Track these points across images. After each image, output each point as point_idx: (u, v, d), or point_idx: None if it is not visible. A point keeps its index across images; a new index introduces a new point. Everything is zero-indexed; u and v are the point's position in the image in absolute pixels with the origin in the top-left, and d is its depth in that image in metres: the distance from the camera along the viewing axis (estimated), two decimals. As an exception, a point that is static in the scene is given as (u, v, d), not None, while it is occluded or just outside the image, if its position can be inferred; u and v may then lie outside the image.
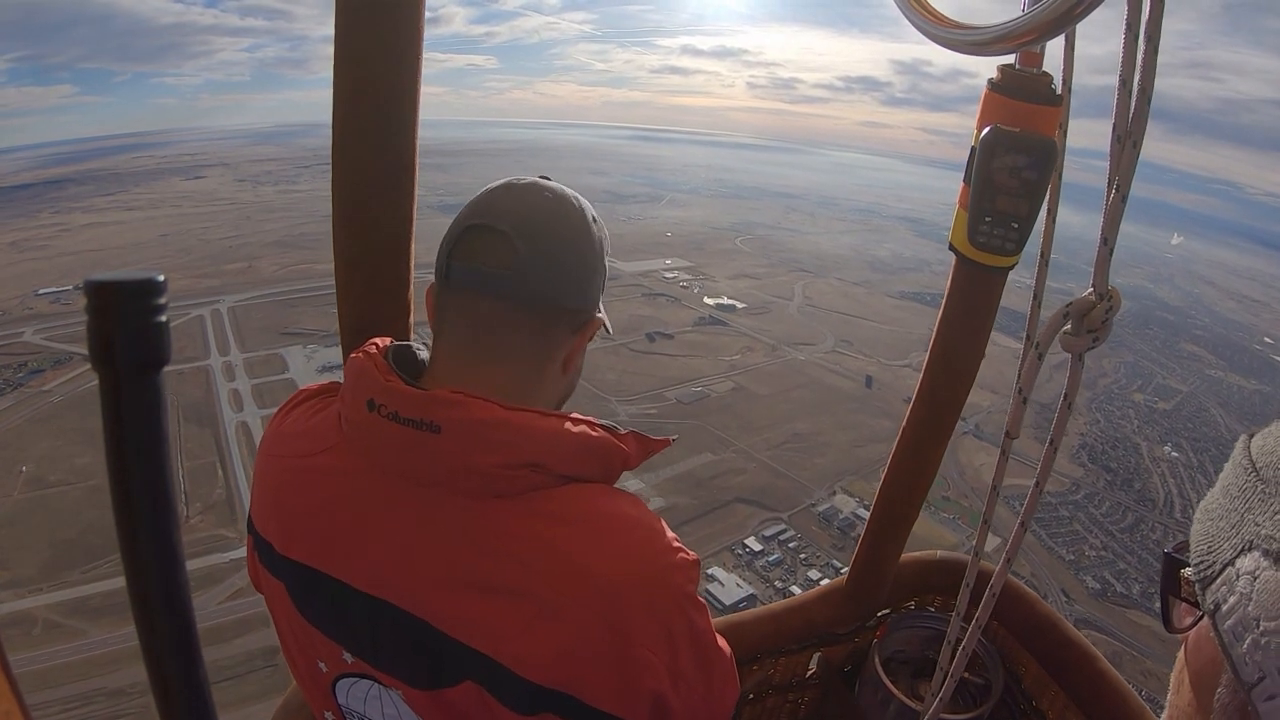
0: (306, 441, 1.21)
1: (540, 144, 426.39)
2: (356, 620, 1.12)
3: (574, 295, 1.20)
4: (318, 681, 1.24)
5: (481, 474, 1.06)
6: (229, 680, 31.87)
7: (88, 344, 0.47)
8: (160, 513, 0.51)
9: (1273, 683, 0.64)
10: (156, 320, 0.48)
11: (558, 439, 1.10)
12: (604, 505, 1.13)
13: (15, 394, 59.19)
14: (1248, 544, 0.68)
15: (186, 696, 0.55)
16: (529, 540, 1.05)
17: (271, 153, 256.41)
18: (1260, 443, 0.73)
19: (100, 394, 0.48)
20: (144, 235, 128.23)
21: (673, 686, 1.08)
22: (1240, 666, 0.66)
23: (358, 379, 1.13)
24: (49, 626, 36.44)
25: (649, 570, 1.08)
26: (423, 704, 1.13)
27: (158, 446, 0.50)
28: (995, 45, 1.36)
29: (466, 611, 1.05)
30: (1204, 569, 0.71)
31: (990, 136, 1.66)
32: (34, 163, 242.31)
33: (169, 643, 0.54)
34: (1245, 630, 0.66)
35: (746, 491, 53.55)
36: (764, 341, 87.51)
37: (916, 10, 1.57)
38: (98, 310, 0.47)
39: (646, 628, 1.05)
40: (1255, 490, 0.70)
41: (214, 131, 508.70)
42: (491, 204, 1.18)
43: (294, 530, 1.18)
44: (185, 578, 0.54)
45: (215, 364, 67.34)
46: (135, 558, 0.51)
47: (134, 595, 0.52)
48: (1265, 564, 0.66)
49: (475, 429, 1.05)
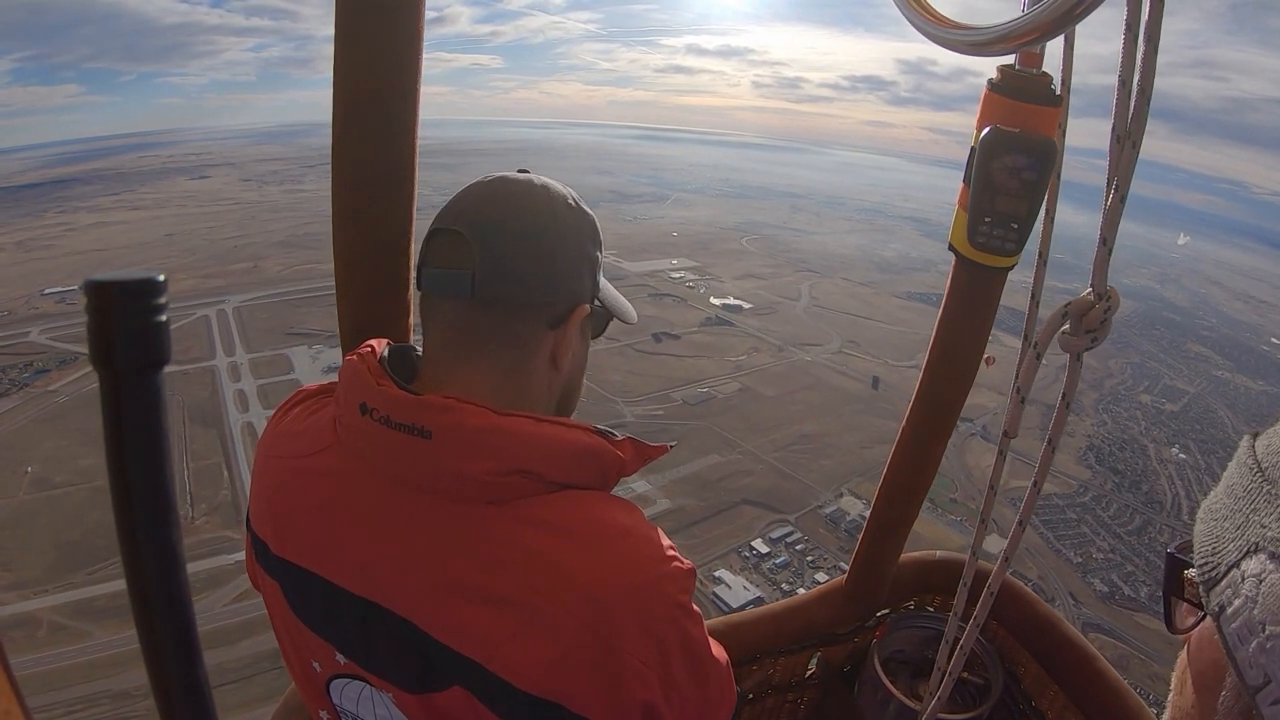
0: (303, 442, 1.22)
1: (545, 143, 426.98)
2: (348, 622, 1.13)
3: (539, 289, 1.18)
4: (313, 681, 1.25)
5: (471, 480, 1.05)
6: (235, 683, 31.91)
7: (88, 344, 0.47)
8: (160, 513, 0.51)
9: (1278, 686, 0.65)
10: (156, 320, 0.49)
11: (550, 445, 1.10)
12: (596, 513, 1.11)
13: (21, 394, 59.47)
14: (1253, 546, 0.68)
15: (186, 697, 0.55)
16: (518, 548, 1.04)
17: (277, 152, 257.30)
18: (1266, 443, 0.72)
19: (100, 394, 0.48)
20: (149, 235, 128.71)
21: (665, 697, 1.06)
22: (1245, 670, 0.67)
23: (351, 382, 1.14)
24: (54, 628, 36.55)
25: (640, 579, 1.06)
26: (413, 708, 1.13)
27: (158, 446, 0.50)
28: (995, 46, 1.38)
29: (456, 618, 1.04)
30: (1208, 570, 0.71)
31: (990, 137, 1.66)
32: (40, 162, 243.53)
33: (169, 643, 0.54)
34: (1251, 634, 0.66)
35: (753, 493, 53.52)
36: (770, 342, 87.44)
37: (916, 10, 1.57)
38: (97, 310, 0.47)
39: (637, 638, 1.03)
40: (1261, 491, 0.70)
41: (219, 131, 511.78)
42: (452, 206, 1.19)
43: (288, 530, 1.19)
44: (185, 578, 0.54)
45: (220, 364, 67.54)
46: (135, 558, 0.51)
47: (134, 595, 0.52)
48: (1271, 567, 0.66)
49: (465, 435, 1.06)
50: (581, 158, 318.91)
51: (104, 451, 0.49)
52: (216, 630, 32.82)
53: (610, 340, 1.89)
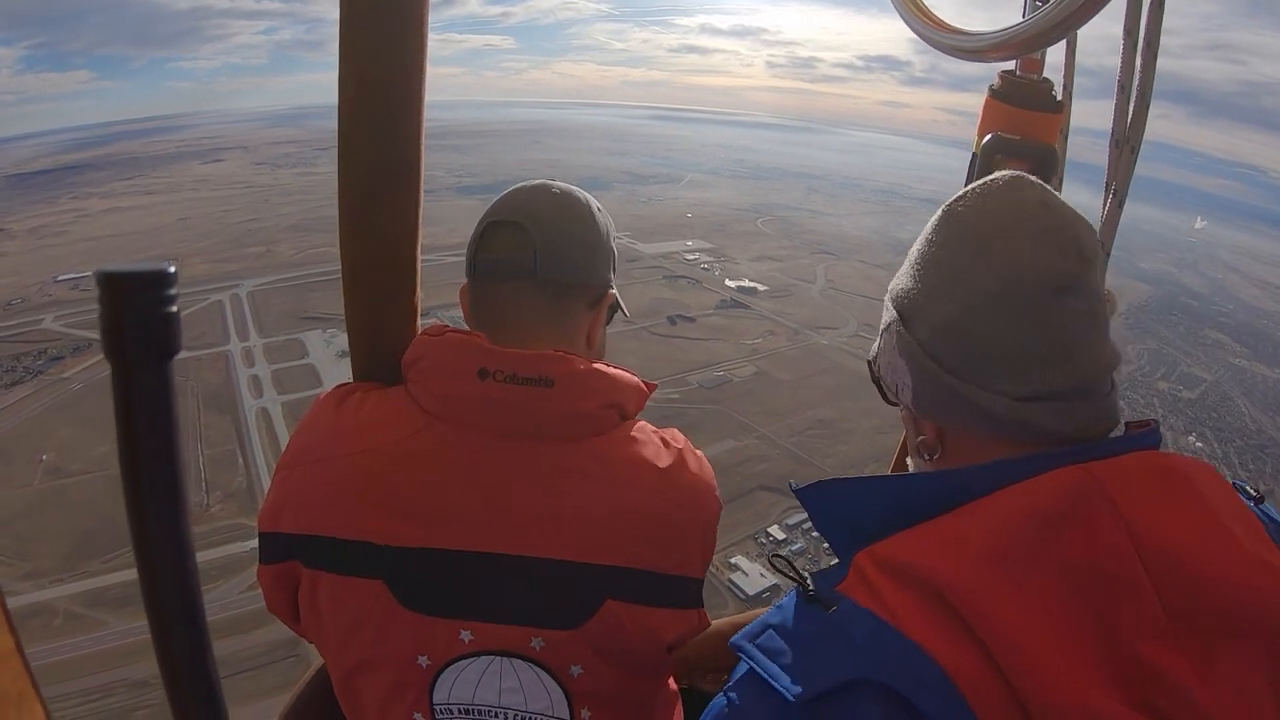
0: (390, 429, 1.28)
1: (559, 124, 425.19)
2: (482, 586, 1.22)
3: (583, 272, 1.39)
4: (413, 683, 1.28)
5: (585, 416, 1.27)
6: (250, 671, 31.57)
7: (100, 335, 0.48)
8: (170, 502, 0.52)
9: (893, 379, 1.10)
10: (167, 311, 0.49)
11: (626, 384, 1.35)
12: (660, 434, 1.40)
13: (35, 382, 59.06)
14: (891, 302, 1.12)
15: (194, 682, 0.56)
16: (631, 463, 1.29)
17: (289, 135, 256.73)
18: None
19: (111, 385, 0.49)
20: (163, 219, 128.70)
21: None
22: (888, 391, 1.14)
23: (463, 353, 1.27)
24: (70, 617, 36.34)
25: (709, 477, 1.40)
26: (563, 651, 1.25)
27: (168, 436, 0.51)
28: (992, 52, 1.46)
29: (593, 538, 1.23)
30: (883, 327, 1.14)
31: (991, 144, 1.70)
32: (52, 148, 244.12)
33: (178, 629, 0.55)
34: (878, 363, 1.14)
35: (770, 479, 52.82)
36: (786, 325, 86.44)
37: (916, 15, 1.65)
38: (108, 302, 0.48)
39: (716, 513, 1.39)
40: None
41: (231, 115, 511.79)
42: (506, 204, 1.39)
43: (398, 517, 1.22)
44: (195, 566, 0.55)
45: (235, 349, 67.02)
46: (145, 546, 0.52)
47: (144, 583, 0.53)
48: (891, 317, 1.09)
49: (578, 378, 1.26)
50: (595, 138, 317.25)
51: (115, 440, 0.50)
52: (231, 619, 32.45)
53: (626, 324, 1.60)
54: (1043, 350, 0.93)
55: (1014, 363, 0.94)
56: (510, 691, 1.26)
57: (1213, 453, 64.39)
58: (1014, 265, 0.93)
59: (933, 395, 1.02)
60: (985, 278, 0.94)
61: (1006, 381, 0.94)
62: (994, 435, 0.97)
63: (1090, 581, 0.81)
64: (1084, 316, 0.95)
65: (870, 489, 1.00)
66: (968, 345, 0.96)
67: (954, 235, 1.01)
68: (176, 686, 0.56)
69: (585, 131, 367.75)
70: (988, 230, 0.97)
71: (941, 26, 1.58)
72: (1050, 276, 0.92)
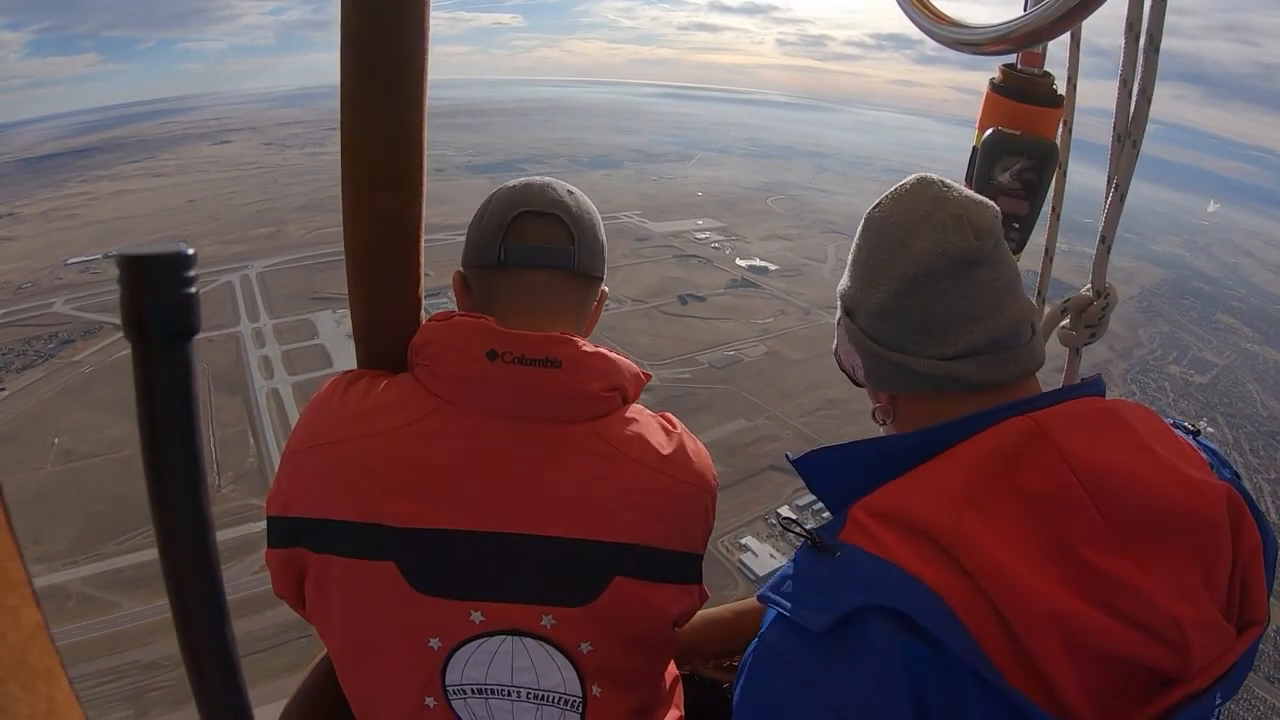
0: (399, 412, 1.29)
1: (568, 102, 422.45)
2: (493, 565, 1.25)
3: (600, 266, 1.46)
4: (424, 665, 1.28)
5: (590, 398, 1.30)
6: (261, 652, 31.66)
7: (121, 316, 0.49)
8: (191, 478, 0.53)
9: (849, 363, 1.26)
10: (187, 291, 0.50)
11: (628, 369, 1.38)
12: (658, 418, 1.46)
13: (46, 365, 59.67)
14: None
15: (217, 664, 0.57)
16: (635, 443, 1.33)
17: (297, 115, 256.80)
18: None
19: (133, 364, 0.50)
20: (172, 201, 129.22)
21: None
22: (848, 373, 1.29)
23: (473, 335, 1.28)
24: (83, 600, 36.63)
25: (706, 456, 1.46)
26: (573, 628, 1.28)
27: (189, 414, 0.52)
28: (993, 46, 1.48)
29: (600, 516, 1.28)
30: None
31: (991, 139, 1.73)
32: (61, 132, 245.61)
33: (200, 610, 0.55)
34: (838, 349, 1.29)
35: (780, 460, 52.18)
36: (797, 305, 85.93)
37: (917, 8, 1.65)
38: (130, 283, 0.48)
39: (714, 491, 1.45)
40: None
41: (240, 96, 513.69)
42: (530, 197, 1.39)
43: (409, 498, 1.24)
44: (215, 545, 0.55)
45: (245, 330, 67.57)
46: (167, 526, 0.53)
47: (166, 563, 0.53)
48: (841, 313, 1.25)
49: (584, 360, 1.29)
50: (605, 116, 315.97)
51: (136, 421, 0.50)
52: (243, 599, 32.36)
53: (636, 302, 1.44)
54: (961, 316, 1.09)
55: (938, 330, 1.10)
56: (522, 670, 1.28)
57: (1223, 438, 63.70)
58: (928, 251, 1.09)
59: (879, 369, 1.18)
60: (906, 265, 1.11)
61: (935, 346, 1.10)
62: (933, 393, 1.13)
63: (1043, 505, 0.96)
64: (992, 282, 1.10)
65: (857, 451, 1.15)
66: (899, 323, 1.13)
67: (876, 236, 1.17)
68: (198, 666, 0.57)
69: (595, 109, 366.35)
70: (904, 227, 1.13)
71: (941, 19, 1.58)
72: (958, 255, 1.08)
